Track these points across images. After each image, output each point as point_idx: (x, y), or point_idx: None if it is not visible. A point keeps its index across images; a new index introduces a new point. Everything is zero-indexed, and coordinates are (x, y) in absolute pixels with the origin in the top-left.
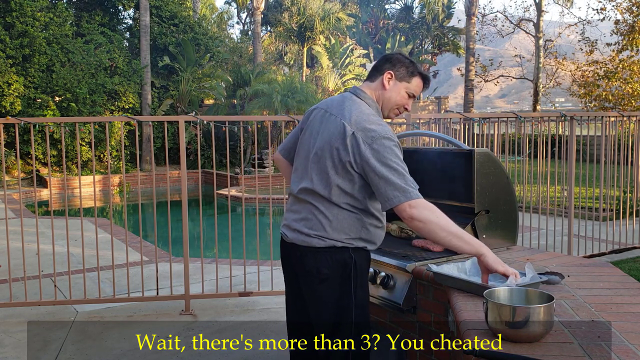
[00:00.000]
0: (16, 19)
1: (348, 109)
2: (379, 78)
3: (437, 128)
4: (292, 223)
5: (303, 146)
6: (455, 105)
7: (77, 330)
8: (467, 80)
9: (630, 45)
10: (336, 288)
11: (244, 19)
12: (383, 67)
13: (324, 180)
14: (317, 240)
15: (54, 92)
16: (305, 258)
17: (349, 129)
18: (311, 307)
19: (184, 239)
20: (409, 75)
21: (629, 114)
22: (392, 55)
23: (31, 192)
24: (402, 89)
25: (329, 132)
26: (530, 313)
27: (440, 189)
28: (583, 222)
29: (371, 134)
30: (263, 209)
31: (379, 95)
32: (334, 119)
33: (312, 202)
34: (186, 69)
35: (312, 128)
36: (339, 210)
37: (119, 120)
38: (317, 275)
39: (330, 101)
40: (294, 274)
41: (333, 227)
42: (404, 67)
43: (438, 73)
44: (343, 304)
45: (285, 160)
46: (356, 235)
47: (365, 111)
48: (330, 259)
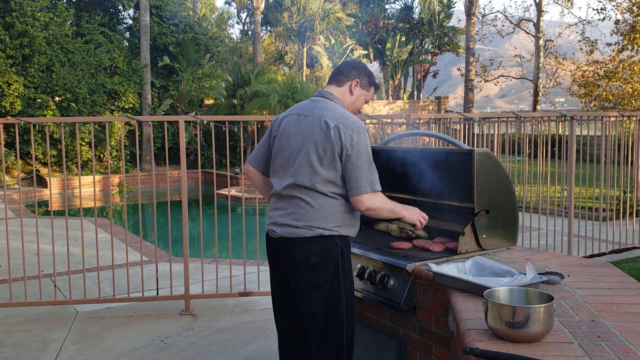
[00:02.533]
0: (16, 19)
1: (324, 108)
2: (347, 84)
3: (437, 128)
4: (278, 219)
5: (280, 151)
6: (455, 105)
7: (77, 330)
8: (467, 80)
9: (630, 45)
10: (326, 275)
11: (244, 19)
12: (350, 74)
13: (308, 172)
14: (305, 230)
15: (54, 92)
16: (294, 249)
17: (331, 123)
18: (300, 296)
19: (183, 239)
20: (369, 85)
21: (629, 114)
22: (357, 63)
23: (31, 192)
24: (363, 96)
25: (309, 130)
26: (530, 313)
27: (440, 189)
28: (583, 222)
29: (351, 126)
30: (263, 209)
31: (345, 99)
32: (311, 119)
33: (297, 195)
34: (186, 69)
35: (288, 132)
36: (324, 199)
37: (119, 120)
38: (307, 264)
39: (300, 106)
40: (281, 268)
41: (320, 215)
42: (367, 77)
43: (438, 73)
44: (333, 289)
45: (257, 171)
46: (341, 222)
47: (339, 108)
48: (318, 247)
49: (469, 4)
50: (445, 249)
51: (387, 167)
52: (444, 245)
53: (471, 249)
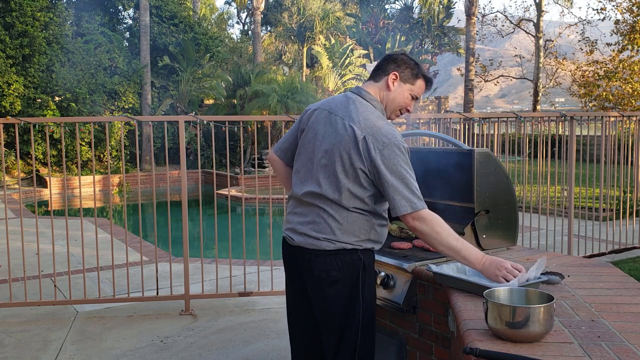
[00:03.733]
0: (16, 19)
1: (355, 111)
2: (384, 78)
3: (437, 128)
4: (297, 226)
5: (305, 148)
6: (455, 105)
7: (77, 330)
8: (467, 80)
9: (630, 45)
10: (345, 290)
11: (244, 19)
12: (388, 68)
13: (334, 184)
14: (326, 243)
15: (54, 92)
16: (313, 262)
17: (359, 133)
18: (318, 308)
19: (183, 239)
20: (413, 77)
21: (629, 114)
22: (397, 55)
23: (31, 192)
24: (406, 90)
25: (337, 134)
26: (530, 313)
27: (440, 189)
28: (583, 222)
29: (382, 139)
30: (263, 209)
31: (383, 96)
32: (340, 121)
33: (320, 205)
34: (186, 69)
35: (316, 129)
36: (348, 214)
37: (119, 120)
38: (326, 278)
39: (333, 101)
40: (299, 277)
41: (343, 230)
42: (409, 68)
43: (438, 73)
44: (350, 306)
45: (282, 161)
46: (365, 237)
47: (373, 113)
48: (340, 262)
49: (469, 4)
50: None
51: None
52: None
53: None
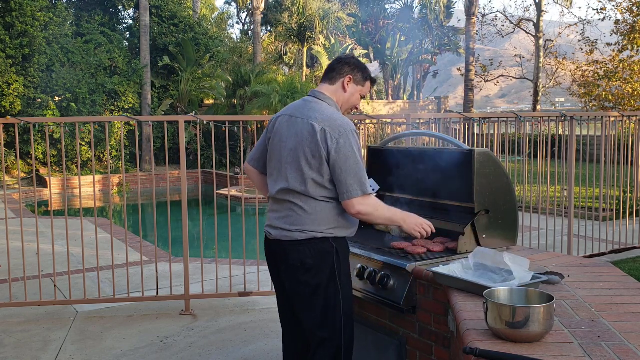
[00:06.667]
0: (16, 19)
1: (312, 110)
2: (340, 81)
3: (437, 128)
4: (274, 222)
5: (274, 152)
6: (455, 105)
7: (77, 330)
8: (467, 80)
9: (630, 45)
10: (322, 276)
11: (244, 19)
12: (343, 71)
13: (299, 177)
14: (298, 233)
15: (54, 92)
16: (288, 252)
17: (317, 126)
18: (297, 299)
19: (183, 239)
20: (363, 79)
21: (629, 114)
22: (350, 59)
23: (31, 192)
24: (358, 91)
25: (299, 133)
26: (530, 313)
27: (441, 189)
28: (583, 222)
29: (339, 129)
30: (263, 209)
31: (339, 97)
32: (300, 121)
33: (290, 199)
34: (186, 69)
35: (280, 134)
36: (316, 203)
37: (119, 120)
38: (301, 266)
39: (294, 106)
40: (277, 270)
41: (312, 220)
42: (361, 72)
43: (438, 73)
44: (329, 291)
45: (256, 170)
46: (334, 225)
47: (329, 109)
48: (313, 250)
49: (469, 4)
50: (445, 249)
51: (387, 167)
52: (444, 245)
53: (471, 249)
